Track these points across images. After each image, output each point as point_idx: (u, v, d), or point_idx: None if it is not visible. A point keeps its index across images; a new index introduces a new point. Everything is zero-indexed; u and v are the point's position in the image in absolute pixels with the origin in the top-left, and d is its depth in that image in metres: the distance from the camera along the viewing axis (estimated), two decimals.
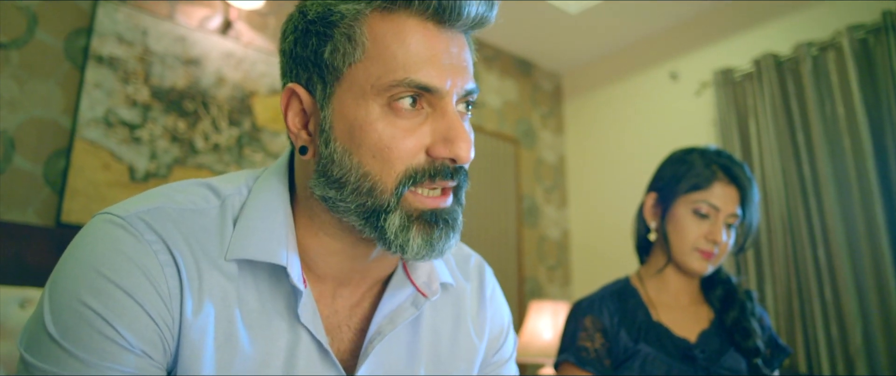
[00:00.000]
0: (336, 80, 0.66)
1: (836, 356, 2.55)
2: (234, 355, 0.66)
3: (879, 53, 2.63)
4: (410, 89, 0.64)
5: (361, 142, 0.65)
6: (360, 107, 0.65)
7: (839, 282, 2.58)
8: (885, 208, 2.53)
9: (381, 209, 0.66)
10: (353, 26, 0.65)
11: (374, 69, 0.64)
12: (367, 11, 0.65)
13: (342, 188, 0.66)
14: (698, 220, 1.36)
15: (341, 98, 0.66)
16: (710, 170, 1.37)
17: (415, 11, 0.65)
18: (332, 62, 0.66)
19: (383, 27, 0.65)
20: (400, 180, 0.65)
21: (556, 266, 3.85)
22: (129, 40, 2.44)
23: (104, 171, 2.31)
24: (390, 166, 0.65)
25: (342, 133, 0.66)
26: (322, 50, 0.66)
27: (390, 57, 0.64)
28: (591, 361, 1.31)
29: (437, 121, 0.66)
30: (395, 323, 0.76)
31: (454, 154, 0.65)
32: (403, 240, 0.66)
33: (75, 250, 0.65)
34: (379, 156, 0.64)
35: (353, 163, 0.65)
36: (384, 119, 0.64)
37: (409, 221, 0.66)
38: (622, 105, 3.78)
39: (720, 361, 1.31)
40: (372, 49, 0.64)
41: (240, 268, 0.68)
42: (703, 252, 1.35)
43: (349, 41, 0.65)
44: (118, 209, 0.67)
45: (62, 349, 0.60)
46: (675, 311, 1.39)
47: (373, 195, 0.66)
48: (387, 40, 0.64)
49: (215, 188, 0.73)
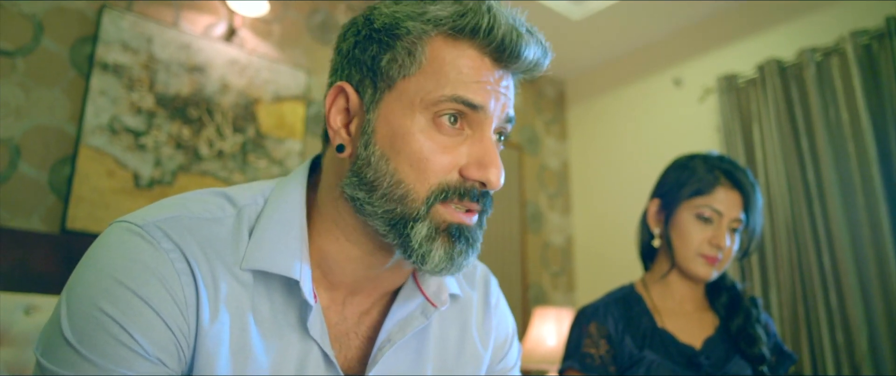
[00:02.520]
0: (387, 88, 0.69)
1: (841, 362, 2.54)
2: (248, 363, 0.67)
3: (883, 59, 2.62)
4: (456, 104, 0.67)
5: (400, 150, 0.67)
6: (406, 116, 0.68)
7: (844, 288, 2.57)
8: (890, 214, 2.52)
9: (409, 217, 0.68)
10: (417, 44, 0.68)
11: (426, 84, 0.67)
12: (433, 33, 0.68)
13: (373, 191, 0.69)
14: (701, 225, 1.35)
15: (389, 105, 0.69)
16: (713, 175, 1.37)
17: (477, 44, 0.68)
18: (387, 71, 0.69)
19: (444, 50, 0.68)
20: (432, 193, 0.68)
21: (560, 272, 3.85)
22: (133, 48, 2.45)
23: (109, 178, 2.32)
24: (424, 178, 0.67)
25: (383, 138, 0.68)
26: (380, 58, 0.69)
27: (443, 75, 0.67)
28: (595, 368, 1.30)
29: (473, 145, 0.69)
30: (405, 331, 0.77)
31: (486, 178, 0.68)
32: (426, 251, 0.68)
33: (92, 257, 0.66)
34: (415, 166, 0.67)
35: (389, 168, 0.68)
36: (426, 132, 0.67)
37: (435, 233, 0.68)
38: (626, 111, 3.78)
39: (725, 368, 1.31)
40: (428, 67, 0.68)
41: (254, 277, 0.69)
42: (707, 257, 1.35)
43: (409, 55, 0.68)
44: (135, 217, 0.68)
45: (78, 354, 0.61)
46: (679, 318, 1.39)
47: (404, 203, 0.68)
48: (444, 61, 0.68)
49: (231, 198, 0.74)
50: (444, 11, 0.68)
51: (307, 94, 2.94)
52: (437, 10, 0.68)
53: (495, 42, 0.68)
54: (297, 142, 2.84)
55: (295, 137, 2.83)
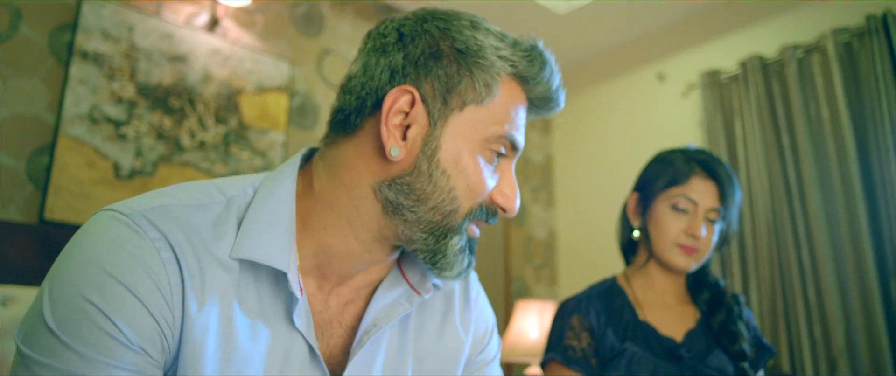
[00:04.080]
0: (458, 109, 0.71)
1: (818, 356, 2.58)
2: (234, 352, 0.67)
3: (863, 57, 2.65)
4: (507, 145, 0.75)
5: (464, 172, 0.72)
6: (470, 141, 0.72)
7: (822, 284, 2.60)
8: (868, 211, 2.56)
9: (450, 229, 0.73)
10: (497, 80, 0.73)
11: (492, 118, 0.72)
12: (504, 71, 0.73)
13: (423, 201, 0.72)
14: (677, 215, 1.36)
15: (456, 125, 0.71)
16: (689, 166, 1.39)
17: (527, 88, 0.76)
18: (462, 93, 0.71)
19: (509, 90, 0.74)
20: (470, 210, 0.74)
21: (543, 265, 3.86)
22: (114, 36, 2.42)
23: (89, 169, 2.29)
24: (473, 199, 0.73)
25: (448, 156, 0.71)
26: (459, 80, 0.71)
27: (506, 115, 0.73)
28: (577, 360, 1.31)
29: (502, 174, 0.76)
30: (390, 316, 0.78)
31: (509, 207, 0.76)
32: (454, 260, 0.74)
33: (77, 245, 0.65)
34: (471, 188, 0.73)
35: (448, 185, 0.72)
36: (481, 159, 0.73)
37: (464, 246, 0.75)
38: (609, 106, 3.80)
39: (706, 360, 1.32)
40: (498, 103, 0.73)
41: (241, 267, 0.70)
42: (684, 247, 1.36)
43: (486, 87, 0.72)
44: (122, 206, 0.68)
45: (60, 342, 0.60)
46: (661, 311, 1.40)
47: (450, 216, 0.73)
48: (508, 102, 0.74)
49: (221, 187, 0.75)
50: (514, 54, 0.74)
51: (291, 86, 2.92)
52: (509, 51, 0.74)
53: (542, 93, 0.76)
54: (281, 133, 2.82)
55: (278, 129, 2.82)
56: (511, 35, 0.76)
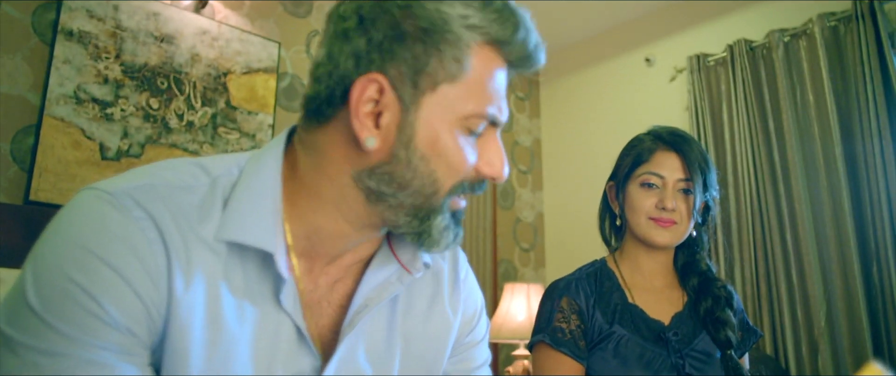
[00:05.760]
0: (430, 90, 0.68)
1: (800, 338, 2.62)
2: (221, 333, 0.67)
3: (849, 41, 2.67)
4: (488, 121, 0.71)
5: (443, 154, 0.69)
6: (446, 121, 0.69)
7: (805, 267, 2.64)
8: (852, 195, 2.59)
9: (433, 210, 0.72)
10: (466, 53, 0.68)
11: (467, 95, 0.69)
12: (473, 41, 0.69)
13: (404, 188, 0.70)
14: (647, 192, 1.38)
15: (430, 107, 0.68)
16: (653, 144, 1.40)
17: (502, 51, 0.71)
18: (432, 73, 0.68)
19: (483, 60, 0.70)
20: (451, 189, 0.72)
21: (531, 248, 3.89)
22: (99, 15, 2.38)
23: (74, 149, 2.27)
24: (455, 178, 0.71)
25: (425, 140, 0.69)
26: (427, 60, 0.67)
27: (482, 90, 0.70)
28: (566, 342, 1.32)
29: (486, 144, 0.73)
30: (381, 296, 0.77)
31: (496, 174, 0.74)
32: (440, 237, 0.73)
33: (60, 224, 0.64)
34: (452, 168, 0.70)
35: (428, 169, 0.70)
36: (460, 139, 0.70)
37: (450, 221, 0.74)
38: (598, 90, 3.80)
39: (692, 344, 1.33)
40: (471, 77, 0.69)
41: (228, 248, 0.69)
42: (657, 220, 1.36)
43: (456, 63, 0.68)
44: (106, 185, 0.66)
45: (44, 322, 0.59)
46: (649, 294, 1.41)
47: (431, 198, 0.71)
48: (484, 73, 0.70)
49: (205, 167, 0.73)
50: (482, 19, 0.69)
51: (279, 67, 2.90)
52: (477, 17, 0.68)
53: (519, 53, 0.71)
54: (269, 115, 2.80)
55: (266, 111, 2.80)
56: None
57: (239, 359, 0.68)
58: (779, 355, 2.69)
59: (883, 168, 2.49)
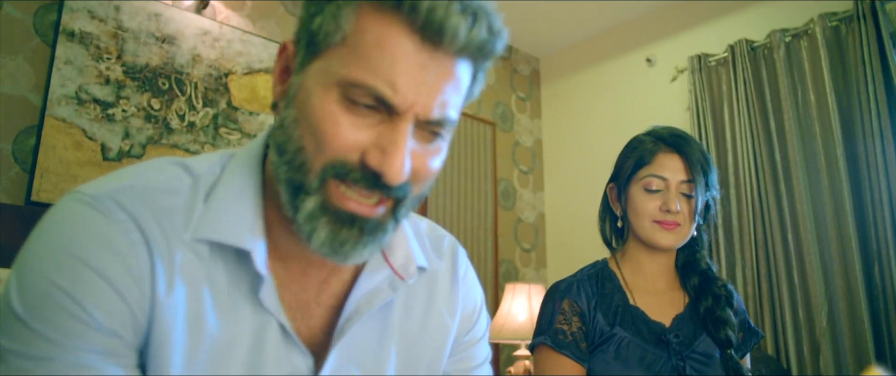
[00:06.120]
0: (315, 54, 0.64)
1: (802, 338, 2.62)
2: (202, 336, 0.66)
3: (850, 41, 2.67)
4: (371, 97, 0.62)
5: (307, 117, 0.63)
6: (321, 86, 0.63)
7: (807, 267, 2.64)
8: (853, 194, 2.59)
9: (302, 188, 0.64)
10: (342, 9, 0.62)
11: (347, 61, 0.62)
12: (362, 2, 0.62)
13: (282, 154, 0.66)
14: (650, 196, 1.37)
15: (312, 72, 0.64)
16: (654, 145, 1.39)
17: (404, 19, 0.61)
18: (316, 36, 0.64)
19: (370, 23, 0.62)
20: (325, 167, 0.63)
21: (532, 249, 3.88)
22: (100, 16, 2.39)
23: (76, 150, 2.27)
24: (320, 150, 0.63)
25: (299, 103, 0.65)
26: (313, 21, 0.64)
27: (365, 56, 0.61)
28: (567, 345, 1.31)
29: (384, 131, 0.63)
30: (372, 303, 0.76)
31: (381, 167, 0.62)
32: (311, 228, 0.64)
33: (44, 229, 0.64)
34: (315, 136, 0.63)
35: (296, 134, 0.64)
36: (334, 105, 0.62)
37: (321, 212, 0.64)
38: (599, 90, 3.80)
39: (693, 346, 1.33)
40: (352, 40, 0.62)
41: (211, 250, 0.68)
42: (662, 223, 1.36)
43: (333, 21, 0.62)
44: (88, 188, 0.66)
45: (29, 328, 0.59)
46: (651, 296, 1.40)
47: (301, 172, 0.64)
48: (368, 38, 0.62)
49: (188, 167, 0.72)
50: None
51: None
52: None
53: (421, 18, 0.60)
54: (270, 116, 2.80)
55: (267, 111, 2.80)
56: None
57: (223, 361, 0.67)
58: (780, 355, 2.69)
59: (884, 167, 2.49)
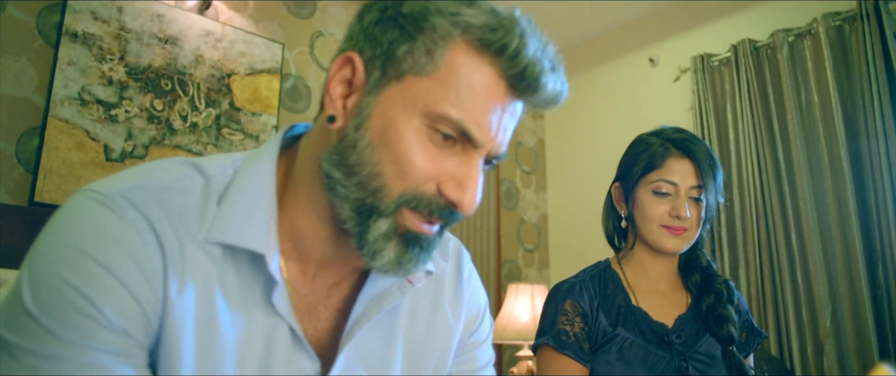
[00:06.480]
0: (396, 78, 0.65)
1: (805, 339, 2.61)
2: (214, 337, 0.66)
3: (854, 41, 2.67)
4: (454, 131, 0.65)
5: (389, 145, 0.65)
6: (404, 114, 0.65)
7: (810, 267, 2.63)
8: (856, 195, 2.58)
9: (375, 210, 0.66)
10: (439, 44, 0.65)
11: (434, 91, 0.64)
12: (458, 38, 0.65)
13: (350, 175, 0.66)
14: (659, 199, 1.35)
15: (391, 95, 0.65)
16: (664, 148, 1.37)
17: (498, 64, 0.65)
18: (401, 61, 0.65)
19: (463, 60, 0.64)
20: (404, 194, 0.66)
21: (534, 249, 3.88)
22: (103, 17, 2.39)
23: (79, 151, 2.27)
24: (403, 179, 0.65)
25: (376, 127, 0.65)
26: (398, 46, 0.65)
27: (453, 89, 0.64)
28: (570, 345, 1.31)
29: (458, 164, 0.66)
30: (381, 306, 0.76)
31: (460, 202, 0.66)
32: (379, 248, 0.67)
33: (56, 227, 0.64)
34: (399, 166, 0.65)
35: (373, 159, 0.65)
36: (419, 136, 0.65)
37: (393, 233, 0.67)
38: (601, 90, 3.80)
39: (696, 346, 1.33)
40: (442, 72, 0.64)
41: (223, 251, 0.68)
42: (670, 228, 1.35)
43: (427, 54, 0.65)
44: (100, 186, 0.66)
45: (41, 326, 0.59)
46: (653, 296, 1.40)
47: (376, 196, 0.66)
48: (460, 73, 0.64)
49: (200, 167, 0.72)
50: (477, 20, 0.64)
51: (283, 68, 2.90)
52: (471, 16, 0.64)
53: (517, 69, 0.64)
54: (273, 116, 2.81)
55: (270, 112, 2.80)
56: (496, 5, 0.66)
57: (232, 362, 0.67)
58: (784, 355, 2.68)
59: (888, 167, 2.48)
